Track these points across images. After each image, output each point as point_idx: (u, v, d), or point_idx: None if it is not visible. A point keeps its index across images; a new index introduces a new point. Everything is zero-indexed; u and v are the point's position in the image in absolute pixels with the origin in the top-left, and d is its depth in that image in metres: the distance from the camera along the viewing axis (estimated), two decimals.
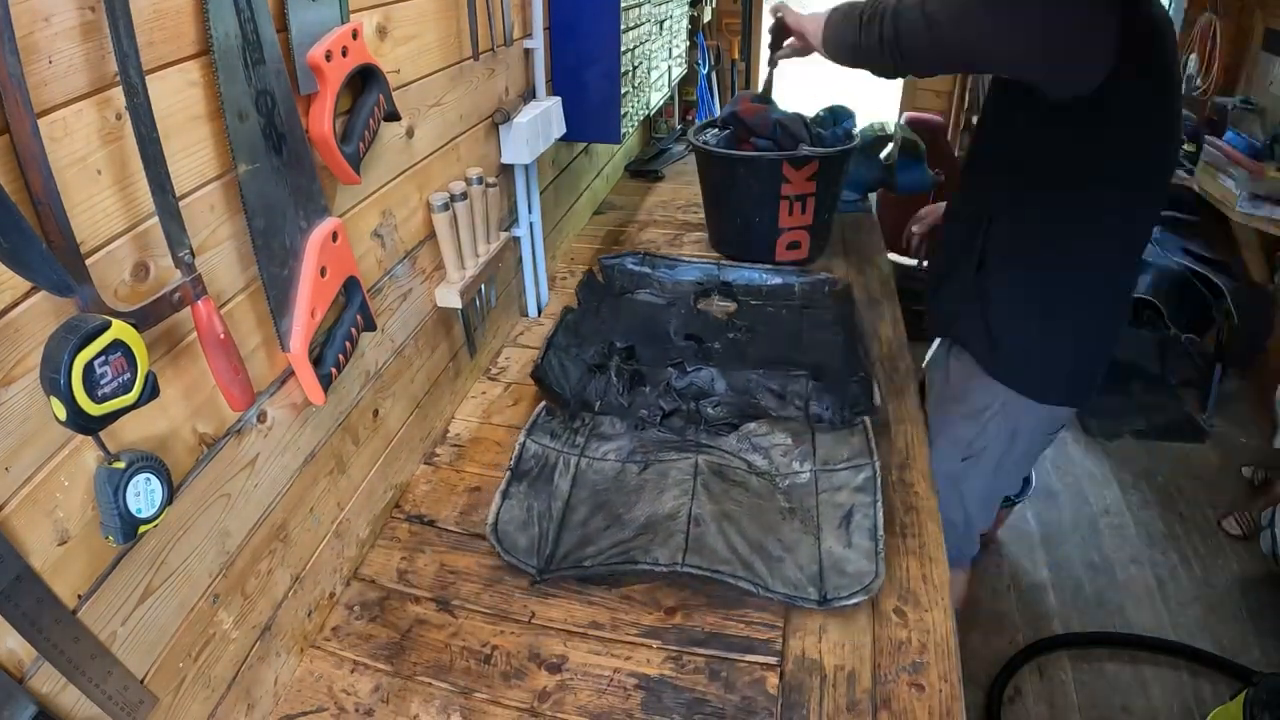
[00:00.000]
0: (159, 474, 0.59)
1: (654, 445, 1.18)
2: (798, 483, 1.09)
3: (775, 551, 0.98)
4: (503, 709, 0.84)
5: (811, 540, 0.99)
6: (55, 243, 0.50)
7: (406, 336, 1.11)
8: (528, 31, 1.37)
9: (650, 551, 0.98)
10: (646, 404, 1.27)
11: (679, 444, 1.18)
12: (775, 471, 1.11)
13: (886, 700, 0.83)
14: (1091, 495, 2.39)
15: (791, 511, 1.04)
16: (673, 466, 1.13)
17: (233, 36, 0.65)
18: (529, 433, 1.19)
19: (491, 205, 1.24)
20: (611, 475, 1.13)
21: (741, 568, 0.96)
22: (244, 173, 0.68)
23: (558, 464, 1.15)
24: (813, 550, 0.98)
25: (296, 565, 0.88)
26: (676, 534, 1.00)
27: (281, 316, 0.75)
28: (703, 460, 1.13)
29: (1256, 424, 2.69)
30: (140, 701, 0.64)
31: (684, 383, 1.32)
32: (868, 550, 0.96)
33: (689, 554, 0.97)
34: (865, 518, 1.01)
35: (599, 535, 1.03)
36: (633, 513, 1.06)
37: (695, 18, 2.76)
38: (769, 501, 1.06)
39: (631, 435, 1.20)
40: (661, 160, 2.59)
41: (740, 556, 0.98)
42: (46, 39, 0.50)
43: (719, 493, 1.07)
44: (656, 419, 1.24)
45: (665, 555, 0.97)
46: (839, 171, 1.76)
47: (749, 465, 1.13)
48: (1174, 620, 1.96)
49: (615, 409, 1.28)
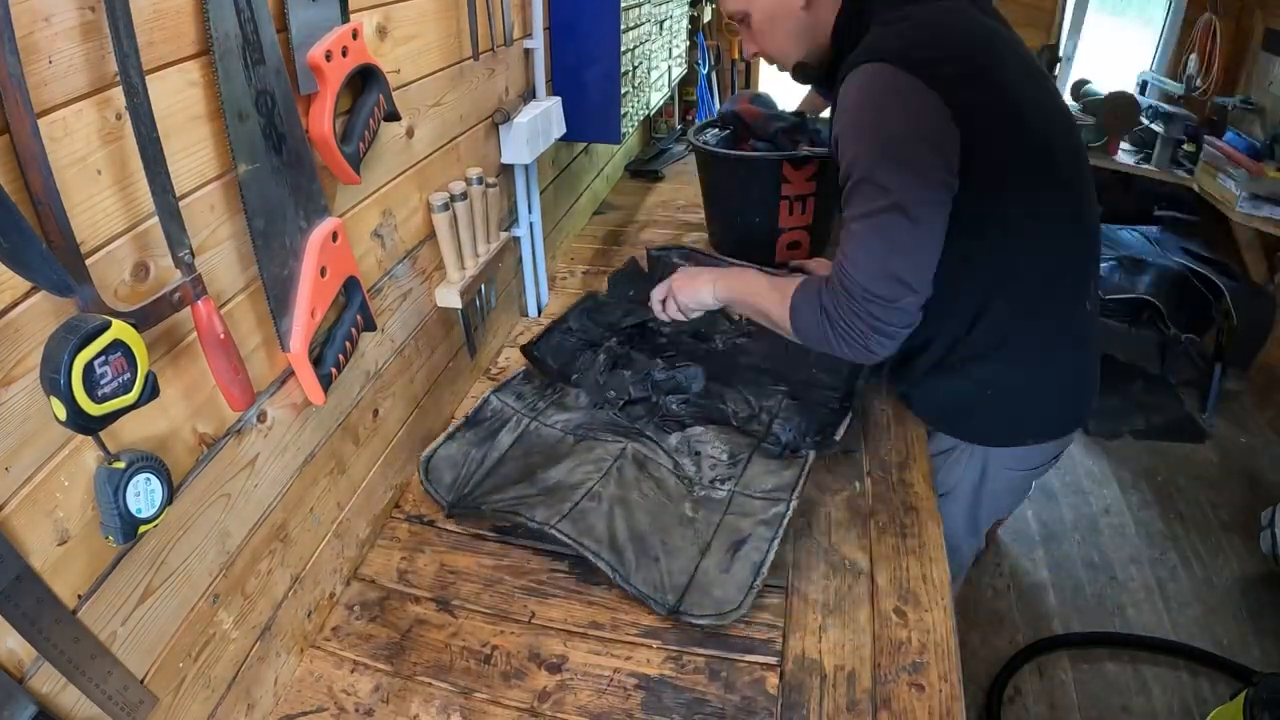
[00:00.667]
0: (159, 474, 0.60)
1: (600, 425, 1.22)
2: (712, 498, 1.08)
3: (654, 551, 0.99)
4: (503, 709, 0.84)
5: (694, 554, 0.98)
6: (55, 243, 0.50)
7: (406, 336, 1.11)
8: (528, 31, 1.37)
9: (534, 509, 1.02)
10: (618, 387, 1.29)
11: (625, 430, 1.21)
12: (697, 481, 1.11)
13: (886, 700, 0.83)
14: (1091, 495, 2.39)
15: (691, 522, 1.04)
16: (601, 445, 1.17)
17: (233, 36, 0.65)
18: (497, 390, 1.30)
19: (491, 205, 1.24)
20: (551, 442, 1.19)
21: (609, 551, 0.97)
22: (244, 173, 0.68)
23: (509, 421, 1.23)
24: (690, 563, 0.97)
25: (296, 565, 0.88)
26: (566, 501, 1.04)
27: (281, 316, 0.75)
28: (632, 448, 1.16)
29: (1256, 424, 2.69)
30: (140, 701, 0.64)
31: (664, 375, 1.31)
32: (742, 582, 0.94)
33: (564, 520, 1.00)
34: (756, 551, 0.98)
35: (509, 487, 1.09)
36: (546, 475, 1.11)
37: (695, 18, 2.76)
38: (675, 505, 1.07)
39: (588, 413, 1.25)
40: (661, 160, 2.59)
41: (615, 542, 0.99)
42: (46, 39, 0.50)
43: (630, 480, 1.10)
44: (619, 403, 1.26)
45: (542, 515, 1.01)
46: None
47: (676, 466, 1.14)
48: (1174, 620, 1.96)
49: (589, 386, 1.31)
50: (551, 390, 1.31)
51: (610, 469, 1.11)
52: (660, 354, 1.39)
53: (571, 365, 1.37)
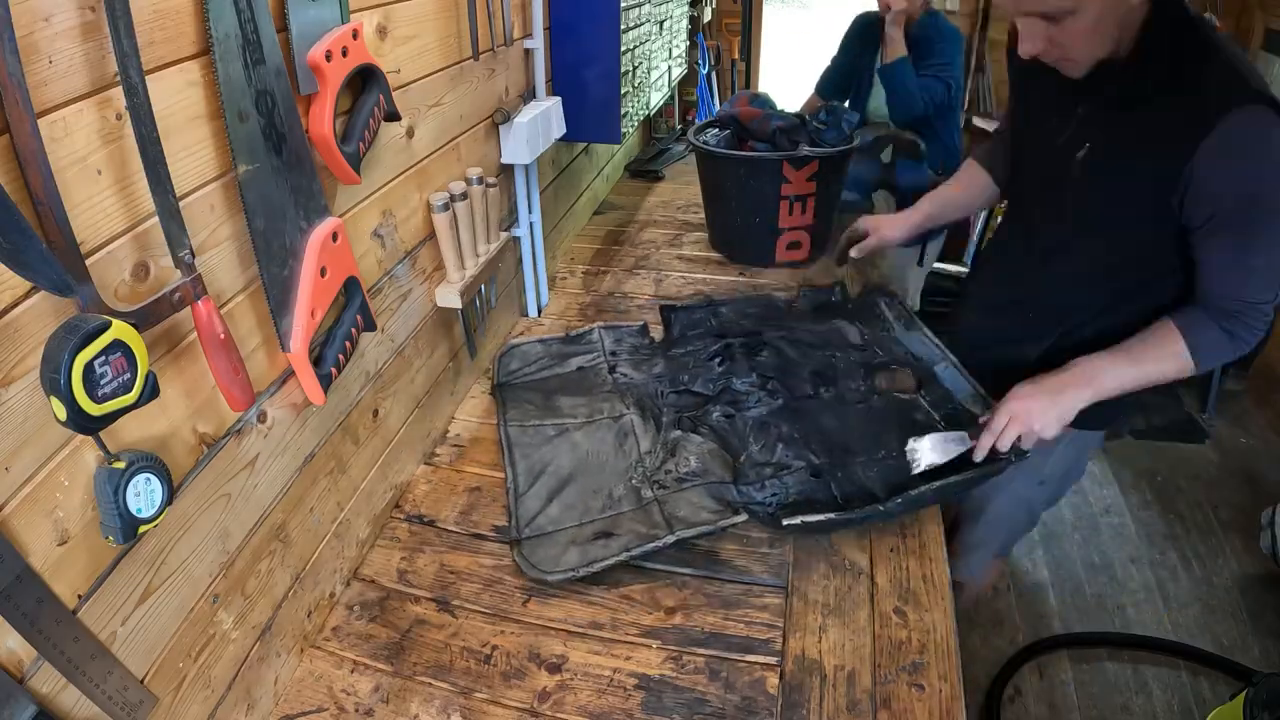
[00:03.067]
0: (159, 474, 0.59)
1: (643, 394, 1.30)
2: (642, 494, 1.10)
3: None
4: (503, 709, 0.84)
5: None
6: (55, 243, 0.50)
7: (406, 336, 1.11)
8: (528, 31, 1.37)
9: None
10: (709, 374, 1.32)
11: (649, 408, 1.27)
12: (639, 464, 1.15)
13: (886, 700, 0.83)
14: (1091, 495, 2.39)
15: (623, 500, 1.09)
16: (610, 402, 1.28)
17: (233, 36, 0.65)
18: (605, 326, 1.49)
19: (491, 205, 1.24)
20: (596, 383, 1.34)
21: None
22: (244, 173, 0.68)
23: (592, 354, 1.42)
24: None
25: (296, 565, 0.88)
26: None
27: (281, 316, 0.75)
28: (632, 417, 1.24)
29: (1256, 424, 2.69)
30: (140, 701, 0.64)
31: (742, 388, 1.29)
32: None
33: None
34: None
35: (539, 399, 1.31)
36: (560, 405, 1.29)
37: (695, 18, 2.76)
38: (608, 479, 1.13)
39: (649, 379, 1.34)
40: (661, 160, 2.59)
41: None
42: (46, 39, 0.50)
43: (580, 442, 1.21)
44: (681, 385, 1.31)
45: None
46: (839, 171, 1.76)
47: (638, 450, 1.18)
48: (1174, 620, 1.96)
49: (684, 362, 1.37)
50: (647, 349, 1.42)
51: (585, 424, 1.24)
52: (760, 371, 1.32)
53: (686, 340, 1.42)
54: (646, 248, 1.97)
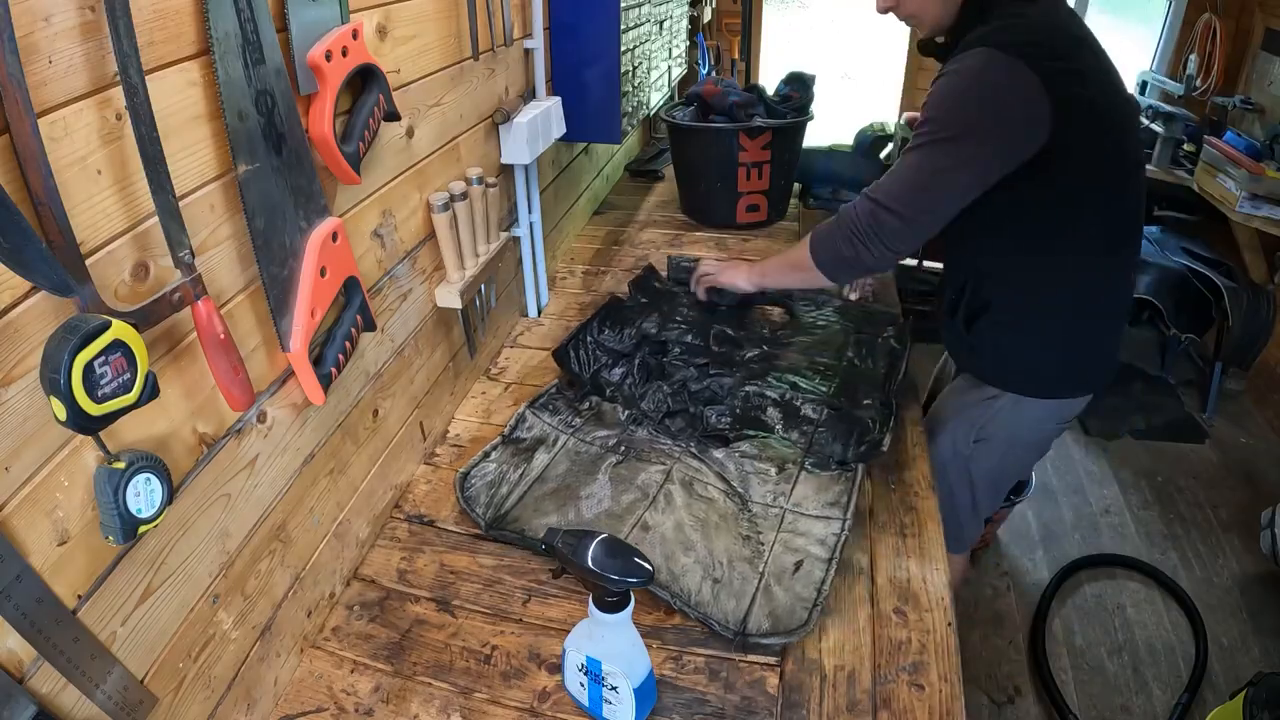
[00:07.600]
0: (159, 474, 0.59)
1: (642, 443, 1.19)
2: (765, 516, 1.06)
3: (714, 573, 0.97)
4: (503, 709, 0.84)
5: (753, 575, 0.96)
6: (55, 243, 0.50)
7: (406, 337, 1.11)
8: (528, 31, 1.37)
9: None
10: (656, 399, 1.28)
11: (666, 449, 1.18)
12: (748, 497, 1.09)
13: (886, 700, 0.83)
14: (1091, 495, 2.39)
15: (747, 540, 1.02)
16: (645, 470, 1.14)
17: (233, 36, 0.65)
18: (531, 405, 1.27)
19: (491, 205, 1.24)
20: (589, 460, 1.17)
21: (667, 577, 0.96)
22: (244, 173, 0.68)
23: (547, 439, 1.21)
24: (749, 585, 0.95)
25: (296, 565, 0.88)
26: (617, 532, 1.02)
27: (281, 316, 0.75)
28: (677, 470, 1.13)
29: (1256, 424, 2.69)
30: (140, 701, 0.64)
31: (700, 385, 1.30)
32: (806, 599, 0.92)
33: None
34: (816, 569, 0.96)
35: (550, 511, 1.07)
36: (590, 501, 1.09)
37: (695, 18, 2.76)
38: (730, 524, 1.04)
39: (625, 428, 1.23)
40: (661, 160, 2.59)
41: (672, 570, 0.97)
42: (46, 39, 0.50)
43: (679, 504, 1.07)
44: (659, 416, 1.24)
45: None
46: (792, 140, 1.99)
47: (726, 481, 1.12)
48: (1174, 620, 1.96)
49: (625, 398, 1.29)
50: (588, 405, 1.28)
51: (657, 495, 1.09)
52: (694, 363, 1.35)
53: (604, 375, 1.34)
54: (646, 248, 1.97)
